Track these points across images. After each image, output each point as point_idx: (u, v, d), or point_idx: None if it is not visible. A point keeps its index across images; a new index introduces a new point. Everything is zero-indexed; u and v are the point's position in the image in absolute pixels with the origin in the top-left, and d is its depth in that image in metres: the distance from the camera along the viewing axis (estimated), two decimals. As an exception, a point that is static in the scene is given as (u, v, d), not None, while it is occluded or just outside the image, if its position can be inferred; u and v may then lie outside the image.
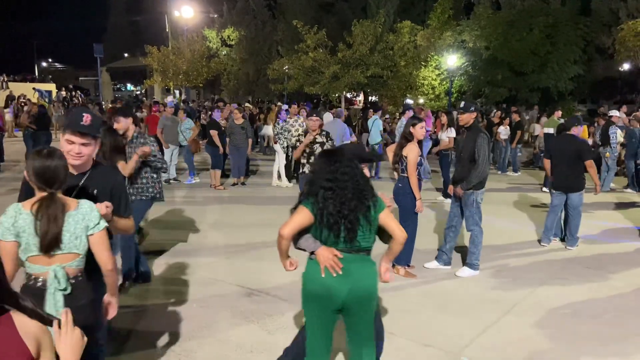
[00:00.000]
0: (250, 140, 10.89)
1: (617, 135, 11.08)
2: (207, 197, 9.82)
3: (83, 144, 2.60)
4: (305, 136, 6.76)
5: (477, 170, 5.43)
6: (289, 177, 11.24)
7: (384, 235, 2.93)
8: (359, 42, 19.98)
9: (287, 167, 11.20)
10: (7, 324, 1.46)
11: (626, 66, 20.55)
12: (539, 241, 7.00)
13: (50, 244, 2.25)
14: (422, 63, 23.12)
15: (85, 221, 2.35)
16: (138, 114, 13.59)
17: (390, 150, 5.82)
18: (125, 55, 49.63)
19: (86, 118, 2.56)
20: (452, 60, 22.48)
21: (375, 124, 12.62)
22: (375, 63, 20.22)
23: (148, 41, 31.58)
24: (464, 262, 5.79)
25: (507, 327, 4.44)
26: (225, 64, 31.82)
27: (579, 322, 4.58)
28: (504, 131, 13.57)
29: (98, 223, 2.39)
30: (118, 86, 55.28)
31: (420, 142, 5.62)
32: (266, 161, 14.48)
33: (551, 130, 12.09)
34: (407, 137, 5.53)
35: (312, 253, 2.85)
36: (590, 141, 12.77)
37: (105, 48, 31.77)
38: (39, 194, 2.29)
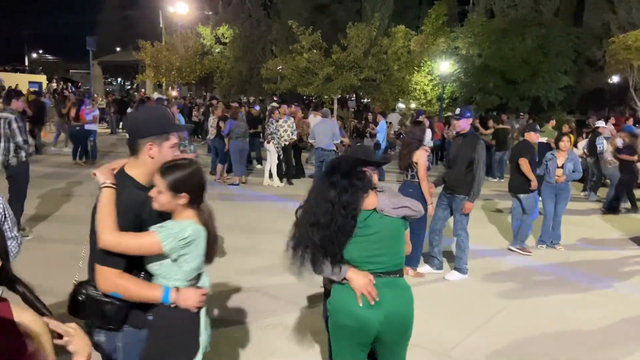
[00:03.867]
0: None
1: (604, 145, 11.26)
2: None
3: None
4: (294, 136, 6.79)
5: (478, 178, 5.52)
6: (280, 177, 11.28)
7: None
8: (353, 45, 20.06)
9: (278, 166, 11.24)
10: (5, 309, 1.45)
11: (615, 79, 20.85)
12: (511, 248, 7.10)
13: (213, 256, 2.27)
14: (415, 68, 23.28)
15: None
16: (129, 110, 13.60)
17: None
18: (118, 49, 49.28)
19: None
20: (445, 66, 22.66)
21: (385, 129, 12.85)
22: (369, 66, 20.30)
23: (141, 36, 31.40)
24: (454, 267, 5.88)
25: (494, 330, 4.52)
26: (218, 61, 31.73)
27: (566, 326, 4.67)
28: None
29: None
30: (109, 80, 54.88)
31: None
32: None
33: (545, 140, 12.27)
34: (418, 143, 5.64)
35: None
36: (578, 151, 12.99)
37: (97, 41, 31.50)
38: (192, 209, 2.14)
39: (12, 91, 6.93)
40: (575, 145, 13.65)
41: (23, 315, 1.47)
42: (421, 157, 5.53)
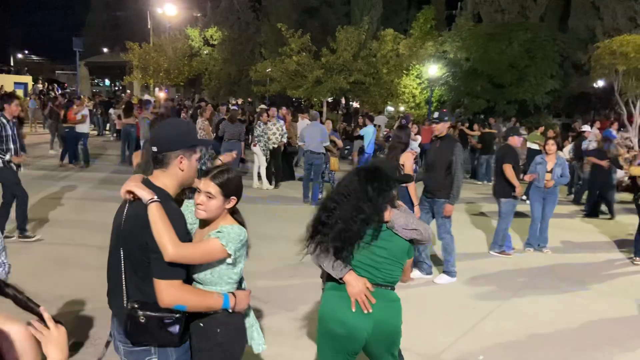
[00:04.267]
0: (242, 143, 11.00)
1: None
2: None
3: None
4: (284, 139, 6.76)
5: (457, 181, 5.56)
6: (269, 180, 11.25)
7: None
8: (342, 48, 20.11)
9: (267, 169, 11.21)
10: None
11: (601, 83, 21.10)
12: (491, 252, 7.17)
13: None
14: (404, 71, 23.38)
15: None
16: (112, 111, 13.46)
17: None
18: (105, 50, 48.88)
19: None
20: (433, 70, 22.79)
21: (374, 134, 12.79)
22: (358, 69, 20.37)
23: (129, 37, 31.22)
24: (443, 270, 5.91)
25: (484, 333, 4.54)
26: (207, 63, 31.63)
27: (553, 329, 4.71)
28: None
29: None
30: (96, 81, 54.38)
31: None
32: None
33: (535, 146, 12.40)
34: (403, 146, 5.70)
35: (331, 278, 2.54)
36: (564, 155, 13.14)
37: (84, 42, 31.24)
38: (229, 213, 2.28)
39: (5, 95, 6.90)
40: (561, 149, 13.84)
41: (8, 326, 1.43)
42: (407, 160, 5.57)
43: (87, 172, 11.95)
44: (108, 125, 21.04)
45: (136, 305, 2.00)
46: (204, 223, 2.27)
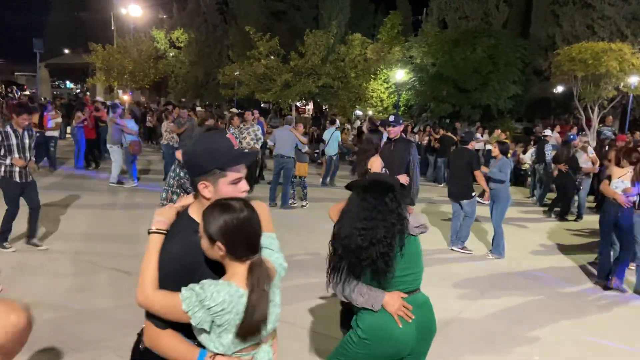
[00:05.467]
0: None
1: (551, 153, 11.78)
2: (148, 203, 9.58)
3: None
4: (257, 145, 6.67)
5: (416, 179, 5.73)
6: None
7: None
8: (311, 52, 20.18)
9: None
10: None
11: (560, 88, 21.83)
12: (453, 248, 7.39)
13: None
14: (372, 76, 23.62)
15: None
16: (80, 114, 13.16)
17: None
18: (66, 51, 47.59)
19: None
20: (400, 74, 23.12)
21: (334, 135, 12.80)
22: (326, 73, 20.48)
23: (91, 38, 30.48)
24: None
25: (452, 334, 4.62)
26: (173, 65, 31.19)
27: (520, 327, 4.84)
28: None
29: None
30: (57, 83, 52.87)
31: None
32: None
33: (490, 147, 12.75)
34: (374, 151, 5.72)
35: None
36: (526, 158, 13.52)
37: (45, 43, 30.30)
38: (240, 263, 1.75)
39: (18, 106, 6.79)
40: (523, 152, 14.25)
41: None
42: (375, 163, 5.60)
43: (52, 177, 11.63)
44: (68, 128, 20.49)
45: (138, 340, 1.97)
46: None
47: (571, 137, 10.89)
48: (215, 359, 1.74)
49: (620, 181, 5.96)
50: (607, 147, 10.48)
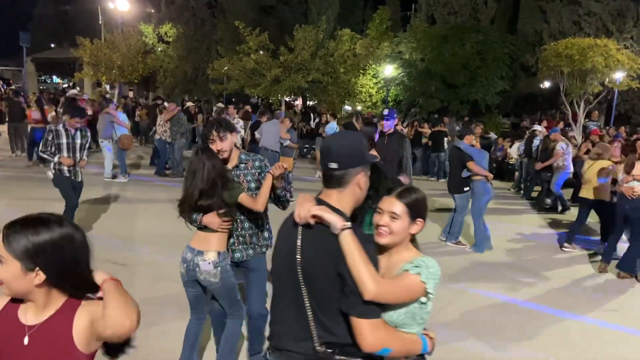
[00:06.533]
0: None
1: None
2: (142, 198, 9.62)
3: None
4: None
5: (409, 172, 5.83)
6: None
7: None
8: (300, 47, 20.20)
9: None
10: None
11: (547, 84, 22.10)
12: (448, 243, 7.51)
13: None
14: (361, 71, 23.70)
15: None
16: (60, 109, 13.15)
17: None
18: (52, 45, 47.04)
19: None
20: (389, 70, 23.23)
21: (335, 130, 12.96)
22: (316, 68, 20.52)
23: (78, 32, 30.14)
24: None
25: (442, 322, 4.76)
26: (161, 60, 30.98)
27: (505, 316, 5.00)
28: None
29: None
30: (43, 78, 52.24)
31: None
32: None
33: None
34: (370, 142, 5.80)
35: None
36: (514, 152, 13.71)
37: (31, 37, 30.00)
38: (411, 244, 2.08)
39: (70, 108, 6.85)
40: (510, 147, 14.46)
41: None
42: None
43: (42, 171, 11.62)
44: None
45: (330, 350, 1.77)
46: (380, 250, 1.97)
47: (550, 131, 11.17)
48: (431, 335, 1.98)
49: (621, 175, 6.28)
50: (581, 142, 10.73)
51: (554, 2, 23.11)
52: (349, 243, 1.71)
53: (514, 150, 13.79)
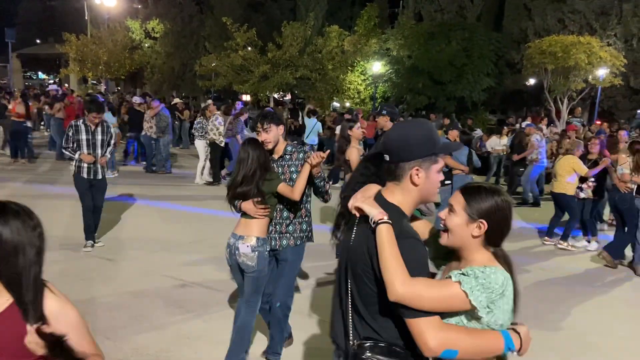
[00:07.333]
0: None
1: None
2: (129, 194, 9.66)
3: None
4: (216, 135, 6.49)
5: None
6: (213, 176, 11.12)
7: None
8: (288, 44, 20.24)
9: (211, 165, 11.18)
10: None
11: (532, 81, 22.38)
12: None
13: None
14: (349, 68, 23.82)
15: None
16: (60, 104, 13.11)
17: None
18: (38, 41, 46.51)
19: None
20: (377, 66, 23.38)
21: (316, 126, 13.03)
22: (304, 65, 20.58)
23: (64, 28, 29.92)
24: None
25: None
26: (149, 56, 30.83)
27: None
28: None
29: None
30: (29, 74, 51.68)
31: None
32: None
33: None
34: (346, 140, 5.87)
35: None
36: (499, 147, 13.89)
37: (17, 33, 29.66)
38: (487, 249, 1.76)
39: (93, 103, 6.38)
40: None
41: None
42: (352, 154, 5.80)
43: (38, 167, 11.60)
44: (43, 123, 20.25)
45: (366, 344, 1.72)
46: (453, 254, 1.81)
47: (525, 125, 11.54)
48: (519, 330, 1.69)
49: (620, 168, 6.74)
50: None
51: (539, -1, 23.40)
52: (382, 238, 1.64)
53: (494, 142, 13.90)
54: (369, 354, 1.68)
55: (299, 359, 3.91)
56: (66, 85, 31.00)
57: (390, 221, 1.66)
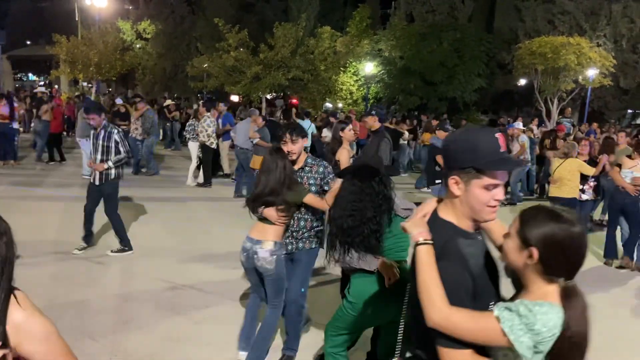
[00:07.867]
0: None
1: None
2: (119, 196, 9.61)
3: None
4: (214, 137, 6.58)
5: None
6: (205, 178, 11.05)
7: None
8: (280, 45, 20.24)
9: (199, 167, 11.11)
10: None
11: (522, 81, 22.53)
12: None
13: None
14: (341, 69, 23.86)
15: None
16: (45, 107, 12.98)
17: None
18: (28, 43, 46.21)
19: None
20: (369, 67, 23.44)
21: (310, 128, 13.00)
22: (296, 66, 20.59)
23: (54, 29, 29.69)
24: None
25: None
26: (140, 57, 30.70)
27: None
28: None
29: None
30: (19, 75, 51.30)
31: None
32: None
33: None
34: (338, 141, 5.88)
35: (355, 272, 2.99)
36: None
37: (7, 34, 29.43)
38: (553, 283, 1.52)
39: (85, 104, 6.39)
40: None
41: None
42: (342, 155, 5.79)
43: (24, 170, 11.53)
44: (32, 123, 20.10)
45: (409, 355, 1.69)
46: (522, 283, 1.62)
47: (508, 126, 11.56)
48: None
49: (629, 171, 6.52)
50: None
51: (529, 0, 23.55)
52: (420, 259, 1.56)
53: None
54: None
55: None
56: (55, 87, 30.76)
57: (430, 241, 1.58)
